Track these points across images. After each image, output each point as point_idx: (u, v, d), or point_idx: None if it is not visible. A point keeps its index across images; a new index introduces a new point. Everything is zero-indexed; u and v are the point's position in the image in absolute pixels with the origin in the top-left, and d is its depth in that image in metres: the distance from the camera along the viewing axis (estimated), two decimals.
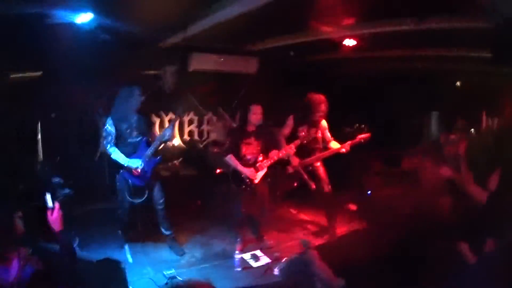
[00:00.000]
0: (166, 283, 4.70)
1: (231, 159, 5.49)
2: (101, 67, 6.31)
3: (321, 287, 3.90)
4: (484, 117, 5.14)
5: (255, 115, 5.42)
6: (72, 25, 4.58)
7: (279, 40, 6.65)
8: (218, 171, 7.21)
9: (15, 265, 2.71)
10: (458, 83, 7.60)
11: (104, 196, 6.75)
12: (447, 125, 5.32)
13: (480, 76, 6.74)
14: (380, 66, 7.61)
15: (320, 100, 5.92)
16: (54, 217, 3.07)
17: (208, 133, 7.95)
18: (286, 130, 6.11)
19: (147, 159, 5.18)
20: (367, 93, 8.25)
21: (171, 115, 7.31)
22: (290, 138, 5.88)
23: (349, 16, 5.17)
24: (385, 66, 7.57)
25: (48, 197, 3.12)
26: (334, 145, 6.13)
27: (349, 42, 6.00)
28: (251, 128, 5.54)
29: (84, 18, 4.60)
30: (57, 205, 3.12)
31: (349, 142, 5.97)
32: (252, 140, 5.56)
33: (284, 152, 5.55)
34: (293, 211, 7.34)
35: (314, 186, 5.81)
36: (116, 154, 5.04)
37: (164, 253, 5.48)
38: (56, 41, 5.19)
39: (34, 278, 2.66)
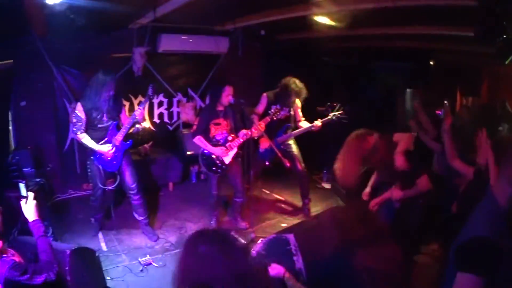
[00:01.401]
0: (141, 270, 4.66)
1: (200, 140, 5.41)
2: (71, 50, 6.13)
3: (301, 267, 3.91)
4: (459, 95, 5.23)
5: (228, 96, 5.34)
6: (43, 6, 4.35)
7: (249, 19, 6.53)
8: (188, 153, 7.13)
9: None
10: (432, 62, 7.67)
11: (76, 184, 6.61)
12: (425, 103, 5.36)
13: (458, 55, 6.84)
14: (356, 45, 7.59)
15: (294, 85, 5.89)
16: (28, 207, 2.98)
17: (178, 115, 7.81)
18: (260, 108, 6.08)
19: (117, 144, 5.07)
20: (343, 72, 8.28)
21: (140, 98, 7.13)
22: (264, 116, 5.81)
23: None
24: (361, 45, 7.56)
25: (22, 186, 3.02)
26: (305, 124, 6.17)
27: (323, 20, 5.90)
28: (220, 108, 5.45)
29: None
30: (31, 194, 3.03)
31: (320, 120, 6.00)
32: (221, 120, 5.49)
33: (254, 130, 5.47)
34: (266, 191, 7.34)
35: (288, 165, 5.80)
36: (87, 140, 4.91)
37: (138, 239, 5.41)
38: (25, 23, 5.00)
39: (11, 270, 2.57)
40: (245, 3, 5.48)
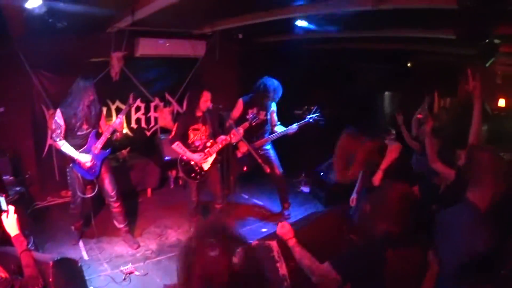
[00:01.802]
0: (124, 279, 4.60)
1: (178, 145, 5.37)
2: (48, 54, 6.01)
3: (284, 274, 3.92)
4: (436, 97, 5.36)
5: (206, 102, 5.32)
6: (21, 9, 4.25)
7: (227, 23, 6.53)
8: (166, 158, 7.08)
9: None
10: (409, 64, 7.82)
11: (55, 191, 6.49)
12: (402, 105, 5.49)
13: (436, 56, 6.98)
14: (335, 47, 7.67)
15: (270, 83, 5.94)
16: (10, 221, 2.90)
17: (155, 120, 7.73)
18: (236, 113, 6.09)
19: (96, 152, 5.01)
20: (321, 74, 8.35)
21: (118, 103, 7.04)
22: (241, 121, 5.84)
23: None
24: (340, 47, 7.65)
25: (2, 199, 2.94)
26: (280, 128, 6.24)
27: (301, 23, 5.94)
28: (198, 113, 5.42)
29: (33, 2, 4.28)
30: (11, 208, 2.94)
31: (295, 124, 6.07)
32: (200, 125, 5.46)
33: (232, 136, 5.47)
34: (245, 196, 7.35)
35: (268, 170, 5.83)
36: (66, 147, 4.84)
37: (119, 247, 5.34)
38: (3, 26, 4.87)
39: None
40: (223, 7, 5.48)
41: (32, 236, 4.73)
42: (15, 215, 2.93)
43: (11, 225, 2.90)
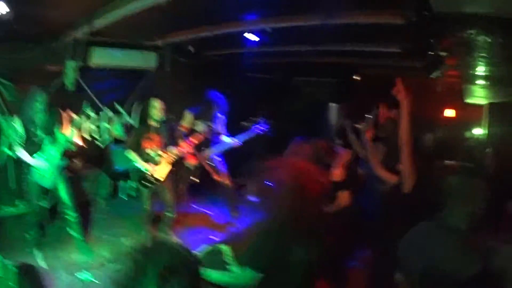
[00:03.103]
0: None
1: (132, 155, 5.56)
2: (3, 61, 5.97)
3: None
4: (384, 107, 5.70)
5: (156, 109, 5.53)
6: None
7: (179, 35, 6.76)
8: (117, 168, 7.17)
9: None
10: (357, 77, 8.19)
11: (9, 200, 6.40)
12: (351, 117, 5.78)
13: (383, 69, 7.37)
14: (282, 60, 7.97)
15: (218, 96, 6.23)
16: None
17: (107, 130, 7.77)
18: (186, 124, 6.32)
19: (52, 160, 5.11)
20: (268, 87, 8.65)
21: (70, 112, 7.04)
22: (190, 133, 6.15)
23: (252, 10, 5.31)
24: (287, 60, 7.96)
25: None
26: (227, 139, 6.51)
27: (252, 37, 6.23)
28: (152, 123, 5.62)
29: None
30: None
31: (242, 135, 6.44)
32: (153, 135, 5.65)
33: (184, 146, 5.75)
34: (194, 206, 7.55)
35: (218, 179, 6.09)
36: (23, 154, 4.92)
37: (74, 255, 5.42)
38: None
39: None
40: (176, 19, 5.67)
41: None
42: None
43: None
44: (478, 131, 7.69)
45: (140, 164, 5.56)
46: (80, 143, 7.27)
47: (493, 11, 3.33)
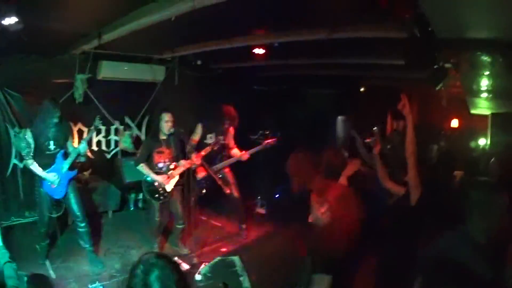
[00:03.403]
0: None
1: (143, 167, 5.60)
2: (14, 73, 6.08)
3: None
4: (390, 120, 5.70)
5: (166, 123, 5.58)
6: None
7: (187, 49, 6.83)
8: (127, 181, 7.19)
9: None
10: (363, 89, 8.22)
11: (19, 211, 6.44)
12: (357, 128, 5.81)
13: (388, 81, 7.38)
14: (289, 73, 8.01)
15: (229, 109, 6.28)
16: None
17: (116, 143, 7.83)
18: (195, 137, 6.35)
19: (63, 172, 5.14)
20: (275, 99, 8.68)
21: (80, 125, 7.12)
22: (201, 145, 6.20)
23: (260, 25, 5.41)
24: (294, 73, 7.99)
25: None
26: (236, 152, 6.53)
27: (259, 51, 6.29)
28: (162, 136, 5.68)
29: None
30: None
31: (248, 151, 6.44)
32: (164, 148, 5.70)
33: (194, 159, 5.79)
34: (204, 218, 7.54)
35: (228, 191, 6.11)
36: (35, 167, 4.97)
37: (85, 266, 5.42)
38: None
39: None
40: (184, 33, 5.71)
41: None
42: None
43: None
44: (483, 141, 7.65)
45: (151, 176, 5.59)
46: (90, 155, 7.42)
47: (495, 36, 3.42)
